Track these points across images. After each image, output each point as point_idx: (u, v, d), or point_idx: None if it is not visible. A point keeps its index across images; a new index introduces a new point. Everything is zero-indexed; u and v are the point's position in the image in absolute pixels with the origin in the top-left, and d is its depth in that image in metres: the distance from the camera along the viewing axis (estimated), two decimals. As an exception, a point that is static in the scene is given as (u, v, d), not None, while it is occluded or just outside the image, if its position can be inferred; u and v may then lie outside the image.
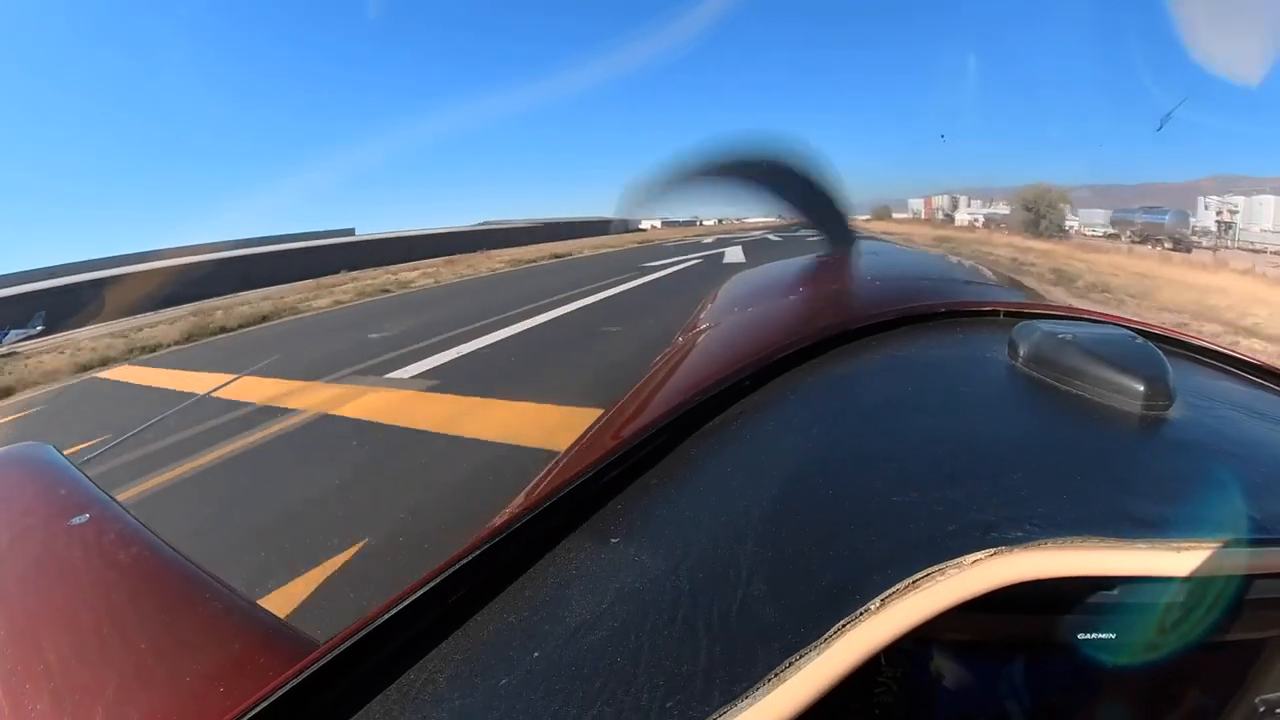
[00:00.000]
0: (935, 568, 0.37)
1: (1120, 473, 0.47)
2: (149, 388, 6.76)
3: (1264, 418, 0.62)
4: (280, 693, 0.38)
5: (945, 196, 35.37)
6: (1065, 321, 0.75)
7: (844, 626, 0.35)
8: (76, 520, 0.75)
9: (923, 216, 37.23)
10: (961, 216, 30.44)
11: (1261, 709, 0.50)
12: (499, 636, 0.41)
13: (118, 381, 7.44)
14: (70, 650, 0.57)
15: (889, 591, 0.36)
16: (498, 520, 0.49)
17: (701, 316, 1.36)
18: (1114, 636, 0.46)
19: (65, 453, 1.00)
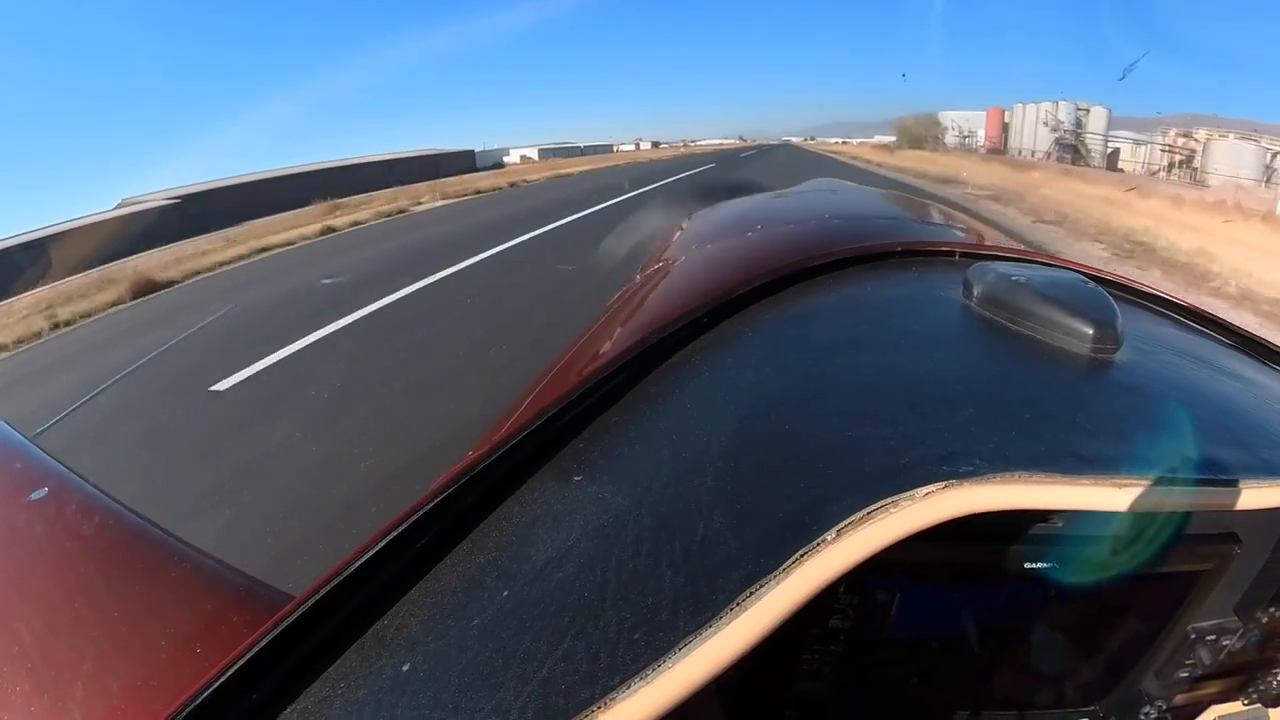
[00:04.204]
0: (889, 500, 0.39)
1: (1068, 412, 0.49)
2: None
3: (1205, 363, 0.65)
4: (257, 649, 0.38)
5: (1062, 105, 17.80)
6: (1020, 264, 0.77)
7: (802, 556, 0.36)
8: (35, 495, 0.73)
9: (982, 144, 22.44)
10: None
11: (1193, 636, 0.54)
12: (468, 578, 0.42)
13: None
14: (43, 627, 0.57)
15: (845, 522, 0.38)
16: (462, 463, 0.49)
17: (662, 253, 1.34)
18: (1057, 566, 0.49)
19: None
